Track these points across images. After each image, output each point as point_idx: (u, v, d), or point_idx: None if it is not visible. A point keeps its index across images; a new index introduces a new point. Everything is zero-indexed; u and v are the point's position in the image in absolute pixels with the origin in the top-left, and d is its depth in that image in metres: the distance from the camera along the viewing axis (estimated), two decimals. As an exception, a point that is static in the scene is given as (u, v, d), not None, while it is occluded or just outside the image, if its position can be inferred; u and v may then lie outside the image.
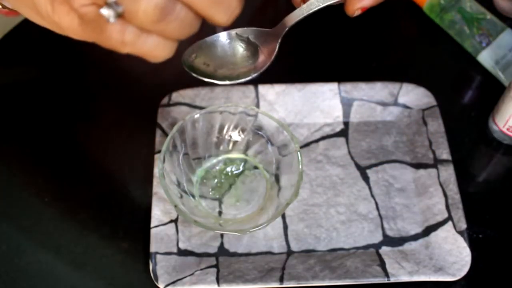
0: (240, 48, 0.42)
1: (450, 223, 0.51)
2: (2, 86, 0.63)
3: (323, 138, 0.58)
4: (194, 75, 0.40)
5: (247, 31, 0.42)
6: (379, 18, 0.68)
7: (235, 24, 0.42)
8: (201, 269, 0.49)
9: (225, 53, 0.42)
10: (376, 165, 0.56)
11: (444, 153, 0.55)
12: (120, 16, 0.29)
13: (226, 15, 0.30)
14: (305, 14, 0.41)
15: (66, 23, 0.31)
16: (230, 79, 0.41)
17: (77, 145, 0.58)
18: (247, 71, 0.41)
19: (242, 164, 0.56)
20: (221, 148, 0.56)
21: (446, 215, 0.52)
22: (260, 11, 0.68)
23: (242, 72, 0.41)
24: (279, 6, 0.68)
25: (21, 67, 0.65)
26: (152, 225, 0.51)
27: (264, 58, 0.41)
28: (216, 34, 0.42)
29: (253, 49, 0.42)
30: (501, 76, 0.61)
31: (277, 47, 0.41)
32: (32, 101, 0.61)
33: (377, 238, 0.52)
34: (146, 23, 0.29)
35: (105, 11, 0.29)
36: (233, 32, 0.42)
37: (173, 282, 0.48)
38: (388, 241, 0.52)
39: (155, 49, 0.31)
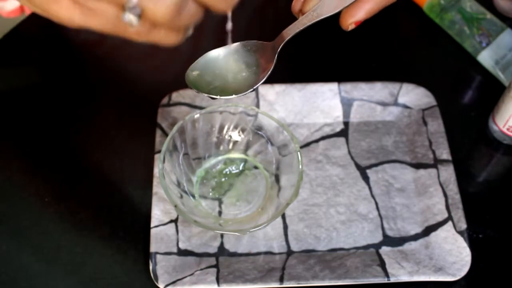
0: (241, 62, 0.43)
1: (450, 223, 0.51)
2: (2, 86, 0.63)
3: (323, 138, 0.58)
4: (196, 91, 0.41)
5: (246, 45, 0.43)
6: (379, 18, 0.68)
7: (237, 30, 0.42)
8: (201, 269, 0.49)
9: (226, 67, 0.43)
10: (376, 165, 0.56)
11: (444, 153, 0.55)
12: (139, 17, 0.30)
13: (227, 3, 0.32)
14: (301, 28, 0.42)
15: (65, 16, 0.31)
16: (230, 94, 0.42)
17: (77, 145, 0.58)
18: (248, 85, 0.42)
19: (242, 164, 0.56)
20: (221, 148, 0.56)
21: (446, 215, 0.52)
22: (260, 11, 0.68)
23: (244, 86, 0.42)
24: (278, 6, 0.68)
25: (21, 67, 0.65)
26: (152, 225, 0.51)
27: (263, 71, 0.42)
28: (217, 49, 0.43)
29: (253, 62, 0.43)
30: (501, 76, 0.61)
31: (275, 59, 0.42)
32: (32, 101, 0.61)
33: (377, 238, 0.52)
34: (162, 22, 0.31)
35: (127, 17, 0.30)
36: (233, 46, 0.43)
37: (173, 282, 0.48)
38: (388, 241, 0.52)
39: (166, 38, 0.33)
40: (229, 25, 0.43)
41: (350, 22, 0.41)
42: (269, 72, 0.42)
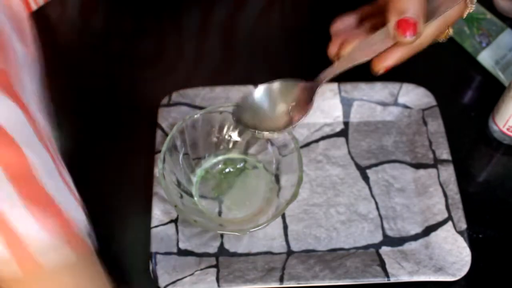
0: (279, 101, 0.46)
1: (450, 223, 0.51)
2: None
3: (323, 138, 0.58)
4: (251, 130, 0.45)
5: (283, 84, 0.46)
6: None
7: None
8: (201, 269, 0.49)
9: (266, 107, 0.46)
10: (376, 165, 0.56)
11: (444, 153, 0.55)
12: None
13: None
14: (338, 72, 0.44)
15: None
16: (272, 131, 0.45)
17: (77, 145, 0.58)
18: (287, 123, 0.45)
19: (242, 164, 0.56)
20: (221, 148, 0.56)
21: (446, 215, 0.52)
22: (264, 14, 0.68)
23: (282, 124, 0.45)
24: (284, 9, 0.68)
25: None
26: (152, 225, 0.51)
27: (300, 110, 0.45)
28: (259, 87, 0.46)
29: (290, 100, 0.46)
30: (501, 76, 0.61)
31: (314, 100, 0.44)
32: (32, 101, 0.61)
33: (377, 238, 0.52)
34: None
35: None
36: (272, 85, 0.46)
37: (173, 282, 0.48)
38: (388, 241, 0.52)
39: None
40: None
41: (380, 67, 0.44)
42: (308, 111, 0.44)
